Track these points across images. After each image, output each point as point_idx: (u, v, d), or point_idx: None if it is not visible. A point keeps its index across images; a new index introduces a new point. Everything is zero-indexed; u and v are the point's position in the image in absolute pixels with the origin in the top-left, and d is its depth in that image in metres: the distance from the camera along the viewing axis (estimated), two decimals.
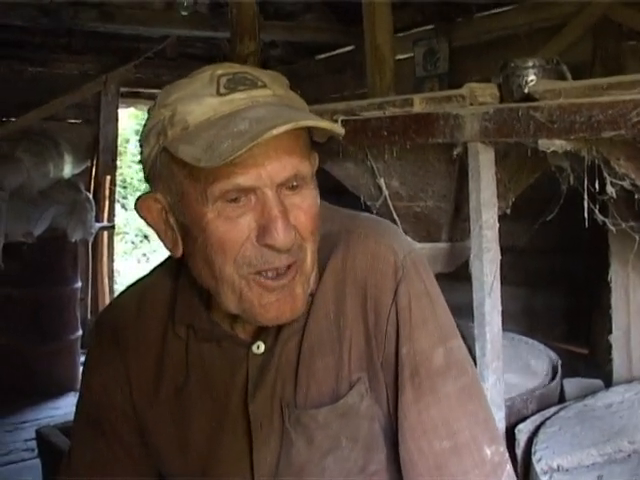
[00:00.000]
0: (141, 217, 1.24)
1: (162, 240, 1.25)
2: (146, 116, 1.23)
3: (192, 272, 1.23)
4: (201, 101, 1.13)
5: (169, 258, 1.39)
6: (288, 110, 1.15)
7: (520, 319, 4.57)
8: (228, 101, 1.13)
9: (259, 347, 1.28)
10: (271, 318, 1.19)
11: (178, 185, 1.16)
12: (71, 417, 4.00)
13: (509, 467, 1.26)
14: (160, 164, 1.18)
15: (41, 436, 3.28)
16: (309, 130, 1.19)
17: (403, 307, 1.23)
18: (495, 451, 1.23)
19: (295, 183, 1.15)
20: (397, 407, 1.24)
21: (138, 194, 1.29)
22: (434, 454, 1.21)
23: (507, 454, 1.27)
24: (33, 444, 4.33)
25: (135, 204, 1.23)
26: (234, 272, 1.15)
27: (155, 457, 1.38)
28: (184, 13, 5.94)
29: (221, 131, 1.09)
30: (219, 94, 1.14)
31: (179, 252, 1.23)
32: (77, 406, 1.43)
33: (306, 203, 1.17)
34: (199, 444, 1.32)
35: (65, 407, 5.47)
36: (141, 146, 1.22)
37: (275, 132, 1.04)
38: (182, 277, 1.33)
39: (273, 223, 1.11)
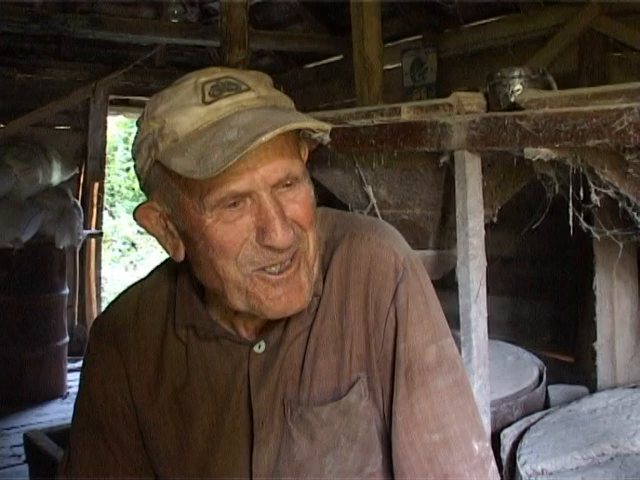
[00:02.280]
0: (140, 225, 1.26)
1: (163, 246, 1.27)
2: (135, 128, 1.24)
3: (196, 275, 1.25)
4: (188, 111, 1.14)
5: (166, 261, 1.41)
6: (274, 113, 1.16)
7: (506, 327, 4.60)
8: (214, 109, 1.14)
9: (260, 347, 1.30)
10: (280, 311, 1.21)
11: (174, 195, 1.18)
12: (57, 423, 4.02)
13: (493, 464, 1.29)
14: (154, 176, 1.19)
15: (29, 440, 3.28)
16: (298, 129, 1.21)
17: (401, 306, 1.27)
18: (482, 447, 1.26)
19: (288, 182, 1.18)
20: (391, 403, 1.27)
21: (126, 202, 1.30)
22: (424, 446, 1.24)
23: (492, 451, 1.30)
24: (20, 450, 4.33)
25: (134, 213, 1.25)
26: (237, 272, 1.17)
27: (154, 458, 1.39)
28: (174, 21, 5.97)
29: (210, 141, 1.10)
30: (205, 102, 1.15)
31: (181, 256, 1.25)
32: (75, 407, 1.43)
33: (300, 197, 1.19)
34: (199, 444, 1.33)
35: (52, 413, 5.48)
36: (134, 158, 1.23)
37: (264, 139, 1.06)
38: (180, 279, 1.35)
39: (271, 224, 1.14)
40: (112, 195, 11.61)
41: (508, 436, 2.23)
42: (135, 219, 1.25)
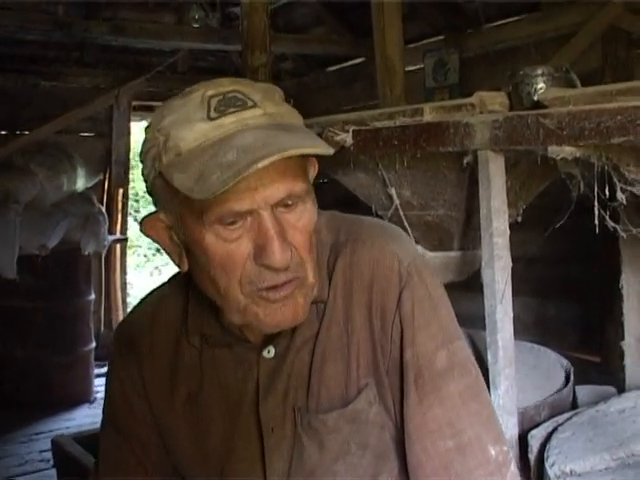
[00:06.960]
0: (147, 236, 1.27)
1: (169, 255, 1.27)
2: (144, 135, 1.24)
3: (198, 285, 1.26)
4: (193, 126, 1.13)
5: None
6: (276, 135, 1.13)
7: (532, 328, 4.57)
8: (218, 126, 1.13)
9: (269, 351, 1.30)
10: (274, 325, 1.21)
11: (176, 208, 1.18)
12: (85, 428, 4.06)
13: (513, 467, 1.26)
14: (159, 186, 1.20)
15: (57, 445, 3.30)
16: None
17: (406, 313, 1.25)
18: (499, 451, 1.24)
19: (290, 202, 1.16)
20: (402, 411, 1.26)
21: (151, 207, 1.31)
22: (439, 454, 1.23)
23: (511, 454, 1.28)
24: (48, 455, 4.36)
25: (140, 225, 1.26)
26: (239, 292, 1.17)
27: (175, 461, 1.40)
28: (196, 26, 6.00)
29: (210, 161, 1.09)
30: (210, 118, 1.14)
31: (185, 267, 1.25)
32: (103, 412, 1.47)
33: (301, 222, 1.18)
34: (216, 448, 1.34)
35: (79, 418, 5.52)
36: (142, 162, 1.23)
37: (260, 165, 1.04)
38: (192, 287, 1.34)
39: (270, 244, 1.13)
40: (137, 201, 11.65)
41: (536, 437, 2.21)
42: (141, 230, 1.26)
